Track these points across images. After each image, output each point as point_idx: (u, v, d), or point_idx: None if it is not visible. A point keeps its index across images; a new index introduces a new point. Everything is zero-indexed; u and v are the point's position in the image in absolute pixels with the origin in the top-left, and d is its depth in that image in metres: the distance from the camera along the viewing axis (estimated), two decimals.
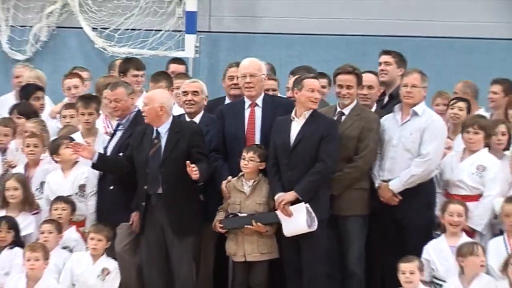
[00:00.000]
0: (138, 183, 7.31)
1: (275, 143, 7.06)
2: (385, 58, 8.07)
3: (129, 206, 7.37)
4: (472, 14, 10.66)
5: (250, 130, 7.33)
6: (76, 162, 7.60)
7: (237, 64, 7.68)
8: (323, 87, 7.81)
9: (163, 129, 7.18)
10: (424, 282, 6.78)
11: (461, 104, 8.00)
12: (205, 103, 7.68)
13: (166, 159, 7.13)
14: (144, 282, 7.42)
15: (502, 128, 7.41)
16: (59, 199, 7.41)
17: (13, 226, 7.19)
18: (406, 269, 6.63)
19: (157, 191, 7.17)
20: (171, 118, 7.28)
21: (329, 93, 8.56)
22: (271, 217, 7.00)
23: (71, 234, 7.38)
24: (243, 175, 7.09)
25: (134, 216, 7.29)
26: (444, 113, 7.80)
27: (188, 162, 6.98)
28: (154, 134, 7.22)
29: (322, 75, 8.12)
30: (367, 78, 7.54)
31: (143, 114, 7.30)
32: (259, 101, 7.36)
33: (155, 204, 7.18)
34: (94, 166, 7.31)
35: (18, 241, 7.22)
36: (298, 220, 6.91)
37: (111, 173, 7.50)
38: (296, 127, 7.04)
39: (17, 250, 7.13)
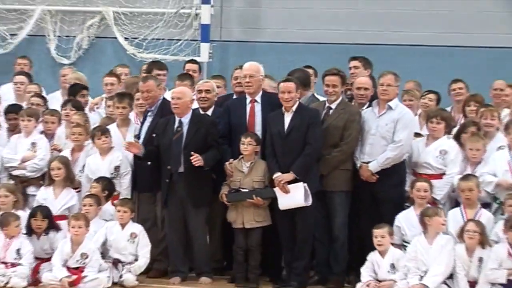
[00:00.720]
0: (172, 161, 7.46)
1: (271, 133, 7.24)
2: (353, 63, 8.20)
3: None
4: (434, 26, 10.76)
5: (251, 122, 7.46)
6: (111, 147, 7.76)
7: (241, 67, 7.82)
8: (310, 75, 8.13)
9: (185, 119, 7.35)
10: (395, 245, 6.93)
11: (432, 95, 8.21)
12: (216, 99, 7.83)
13: (187, 144, 7.30)
14: (168, 245, 7.61)
15: (472, 128, 7.58)
16: (95, 180, 7.62)
17: (47, 214, 7.29)
18: (378, 234, 6.84)
19: (178, 170, 7.33)
20: (191, 111, 7.51)
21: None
22: (269, 192, 7.14)
23: (108, 207, 7.57)
24: (242, 157, 7.27)
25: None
26: (411, 107, 7.94)
27: (192, 152, 7.22)
28: (177, 123, 7.39)
29: (308, 67, 8.38)
30: (364, 81, 7.69)
31: (175, 106, 7.44)
32: (258, 98, 7.49)
33: (176, 180, 7.34)
34: (141, 158, 7.49)
35: (52, 226, 7.33)
36: (295, 196, 7.04)
37: (152, 161, 7.64)
38: (287, 119, 7.21)
39: (53, 234, 7.33)
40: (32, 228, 7.19)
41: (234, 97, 8.02)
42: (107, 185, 7.51)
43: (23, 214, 7.30)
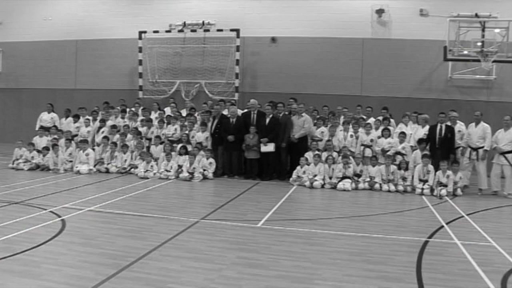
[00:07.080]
0: (224, 134, 7.71)
1: (260, 125, 7.76)
2: (291, 100, 8.18)
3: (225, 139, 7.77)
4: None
5: (253, 121, 7.82)
6: (205, 130, 7.92)
7: (249, 101, 8.14)
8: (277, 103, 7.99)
9: (234, 119, 7.82)
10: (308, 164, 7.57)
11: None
12: (239, 113, 8.15)
13: (234, 128, 7.71)
14: (223, 164, 7.87)
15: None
16: (197, 142, 7.83)
17: (185, 148, 7.45)
18: (304, 159, 7.47)
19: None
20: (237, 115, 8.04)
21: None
22: (259, 146, 7.63)
23: (202, 151, 7.69)
24: (250, 133, 7.74)
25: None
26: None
27: (230, 136, 7.50)
28: (234, 121, 7.74)
29: (272, 101, 7.88)
30: (295, 106, 7.66)
31: (233, 114, 7.68)
32: (256, 111, 7.96)
33: (230, 140, 7.76)
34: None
35: (187, 153, 7.48)
36: (270, 148, 7.56)
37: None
38: (267, 120, 7.71)
39: (185, 157, 7.44)
40: (181, 153, 7.75)
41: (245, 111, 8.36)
42: (202, 144, 7.94)
43: (173, 154, 7.90)
